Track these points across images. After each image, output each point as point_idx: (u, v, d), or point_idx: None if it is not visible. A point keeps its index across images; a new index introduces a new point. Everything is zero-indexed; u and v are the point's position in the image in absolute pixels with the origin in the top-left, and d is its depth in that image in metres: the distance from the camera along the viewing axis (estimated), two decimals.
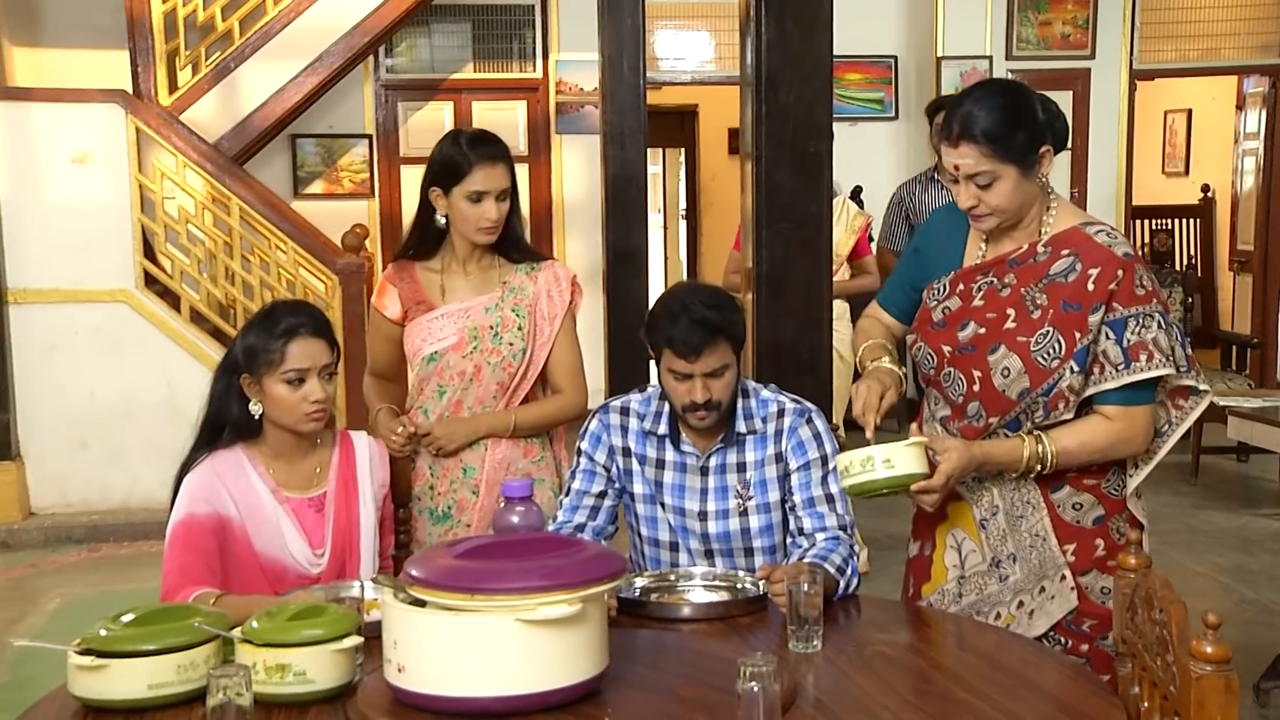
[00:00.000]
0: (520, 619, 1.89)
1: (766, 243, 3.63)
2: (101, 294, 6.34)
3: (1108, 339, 2.40)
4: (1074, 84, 8.80)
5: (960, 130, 2.43)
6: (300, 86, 7.12)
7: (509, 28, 8.31)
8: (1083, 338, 2.40)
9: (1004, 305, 2.49)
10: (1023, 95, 2.48)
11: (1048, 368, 2.42)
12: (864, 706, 2.00)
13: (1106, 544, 2.50)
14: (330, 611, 2.10)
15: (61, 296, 6.34)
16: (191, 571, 2.48)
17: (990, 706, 1.97)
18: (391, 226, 8.22)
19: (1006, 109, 2.42)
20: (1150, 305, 2.40)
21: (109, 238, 6.35)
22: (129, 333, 6.34)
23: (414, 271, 3.12)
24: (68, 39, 7.69)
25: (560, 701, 1.94)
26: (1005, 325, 2.47)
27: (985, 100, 2.44)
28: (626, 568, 2.09)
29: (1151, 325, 2.39)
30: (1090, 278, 2.41)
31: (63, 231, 6.31)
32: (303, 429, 2.64)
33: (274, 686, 1.99)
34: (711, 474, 2.73)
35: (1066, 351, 2.40)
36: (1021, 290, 2.48)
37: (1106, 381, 2.41)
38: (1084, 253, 2.44)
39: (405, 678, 1.94)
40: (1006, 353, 2.46)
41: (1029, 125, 2.42)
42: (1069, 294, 2.42)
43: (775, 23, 3.55)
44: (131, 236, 6.37)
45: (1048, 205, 2.51)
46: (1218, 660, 1.67)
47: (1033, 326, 2.44)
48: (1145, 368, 2.39)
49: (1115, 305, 2.40)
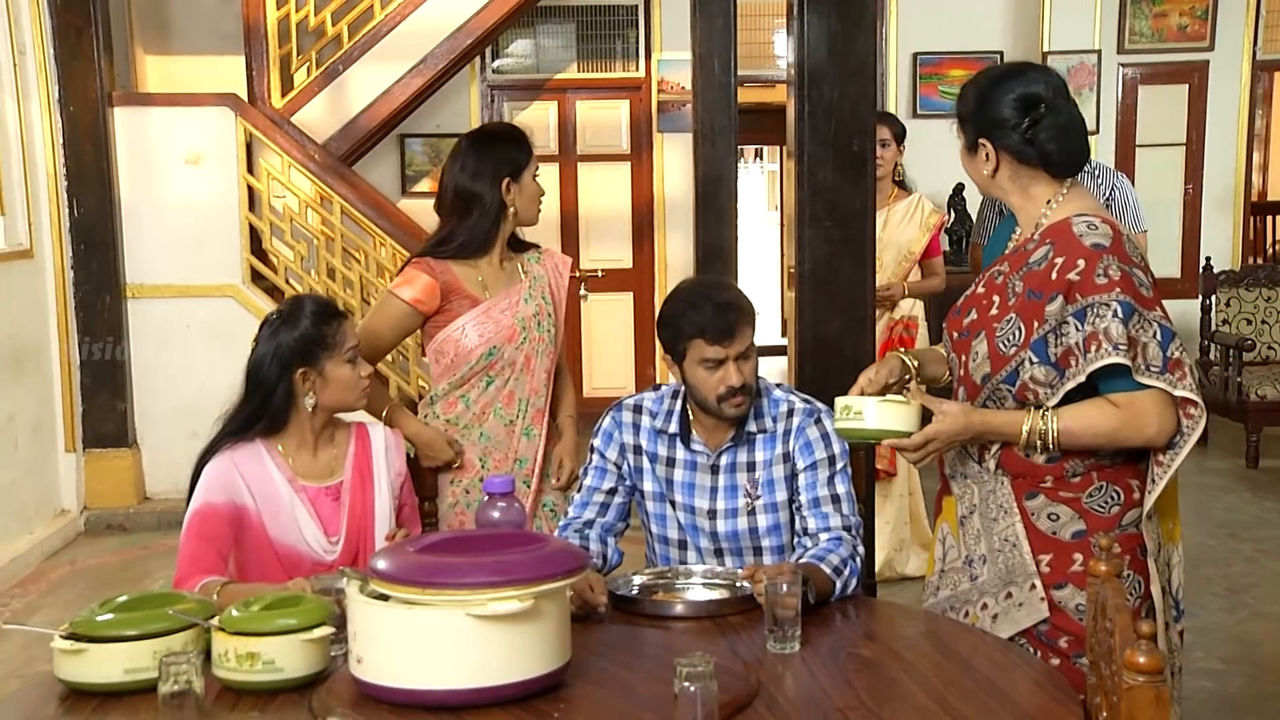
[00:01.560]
0: (471, 614, 1.91)
1: (810, 241, 3.57)
2: (211, 289, 6.54)
3: (1076, 330, 2.31)
4: (1189, 78, 8.51)
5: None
6: (406, 88, 7.24)
7: (613, 28, 8.34)
8: (1040, 326, 2.34)
9: (993, 292, 2.47)
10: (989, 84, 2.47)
11: (1006, 354, 2.38)
12: (818, 708, 1.99)
13: (1086, 560, 2.37)
14: (306, 602, 2.14)
15: (175, 291, 6.55)
16: (202, 560, 2.55)
17: (946, 712, 1.93)
18: None
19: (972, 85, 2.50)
20: (1110, 294, 2.28)
21: (219, 235, 6.54)
22: (237, 327, 6.49)
23: (448, 266, 3.14)
24: (195, 46, 7.93)
25: (514, 695, 1.95)
26: (990, 311, 2.45)
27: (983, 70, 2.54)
28: (585, 565, 2.08)
29: (1106, 314, 2.28)
30: (1055, 267, 2.35)
31: (176, 229, 6.52)
32: (359, 405, 2.82)
33: (244, 674, 2.04)
34: (721, 473, 2.72)
35: (1024, 339, 2.35)
36: (1009, 278, 2.44)
37: (1077, 375, 2.31)
38: (1059, 242, 2.38)
39: (363, 669, 1.97)
40: (982, 338, 2.44)
41: (973, 108, 2.47)
42: (1035, 282, 2.37)
43: (819, 20, 3.49)
44: (239, 234, 6.56)
45: (1049, 199, 2.45)
46: (1149, 671, 1.60)
47: (1004, 313, 2.41)
48: (1095, 357, 2.28)
49: (1076, 295, 2.32)
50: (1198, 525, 6.03)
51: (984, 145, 2.45)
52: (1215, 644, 4.46)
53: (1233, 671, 4.21)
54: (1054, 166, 2.44)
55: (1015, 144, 2.42)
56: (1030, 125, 2.41)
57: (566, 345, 3.41)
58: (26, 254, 6.16)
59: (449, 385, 3.17)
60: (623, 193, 8.51)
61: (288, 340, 2.70)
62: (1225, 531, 5.88)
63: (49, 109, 6.29)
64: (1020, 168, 2.45)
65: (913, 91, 8.37)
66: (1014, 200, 2.50)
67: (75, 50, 6.31)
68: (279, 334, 2.72)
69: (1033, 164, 2.44)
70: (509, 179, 3.11)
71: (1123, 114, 8.48)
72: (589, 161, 8.52)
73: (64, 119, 6.33)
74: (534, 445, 3.18)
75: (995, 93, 2.44)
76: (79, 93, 6.34)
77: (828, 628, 2.37)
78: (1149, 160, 8.52)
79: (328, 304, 2.81)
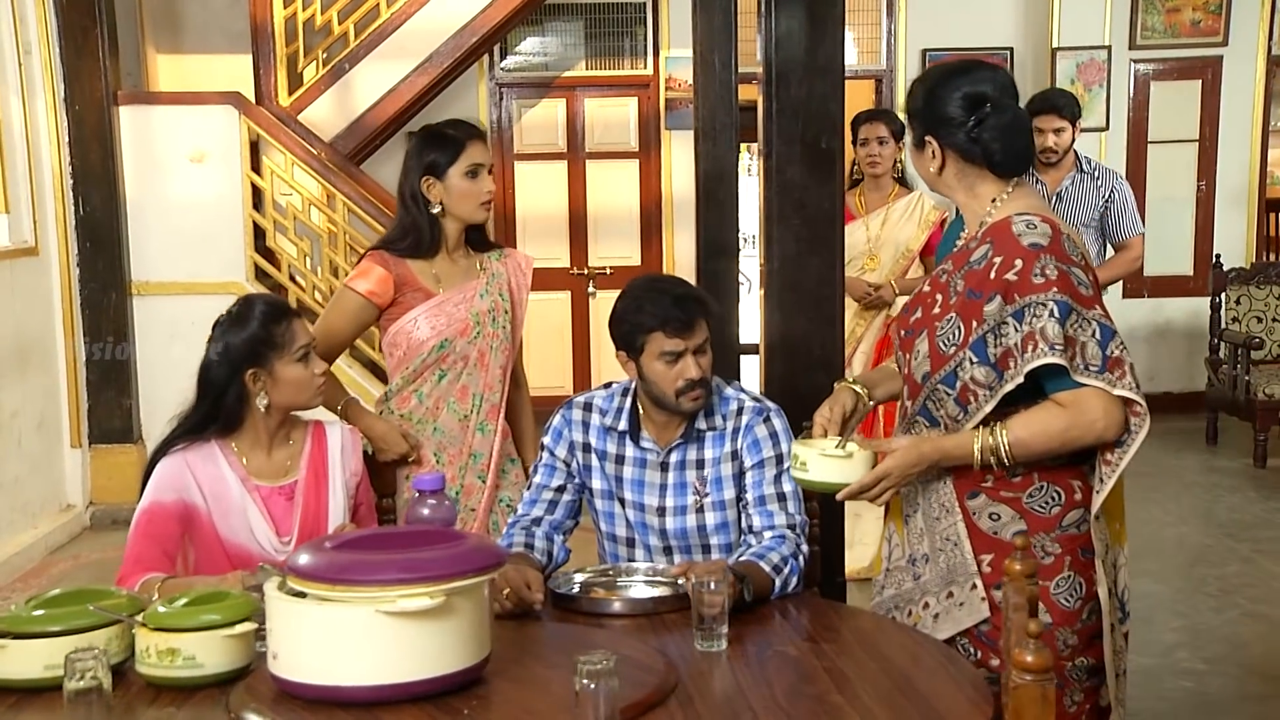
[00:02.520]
0: (380, 610, 1.91)
1: (778, 239, 3.54)
2: (215, 286, 6.55)
3: (1015, 331, 2.28)
4: (1203, 73, 8.40)
5: None
6: (411, 86, 7.24)
7: (621, 25, 8.33)
8: (978, 327, 2.31)
9: (936, 291, 2.45)
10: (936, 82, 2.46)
11: (946, 353, 2.35)
12: (731, 705, 1.98)
13: None
14: (231, 598, 2.14)
15: (180, 289, 6.59)
16: (147, 559, 2.56)
17: (856, 711, 1.92)
18: (504, 221, 8.32)
19: (920, 83, 2.50)
20: (1046, 294, 2.26)
21: (223, 233, 6.58)
22: None
23: (403, 260, 3.16)
24: (206, 45, 7.99)
25: (426, 693, 1.95)
26: (933, 310, 2.43)
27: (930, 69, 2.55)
28: (502, 563, 2.08)
29: (1042, 314, 2.25)
30: (994, 266, 2.33)
31: (181, 227, 6.57)
32: (315, 403, 2.80)
33: (164, 670, 2.04)
34: (671, 470, 2.71)
35: (963, 339, 2.33)
36: (951, 277, 2.42)
37: (1016, 377, 2.28)
38: (997, 241, 2.36)
39: (278, 664, 1.97)
40: (924, 336, 2.42)
41: (920, 106, 2.46)
42: (975, 282, 2.35)
43: (787, 18, 3.46)
44: (244, 231, 6.59)
45: (993, 198, 2.43)
46: (1036, 670, 1.59)
47: (945, 312, 2.39)
48: (1032, 357, 2.25)
49: (1014, 295, 2.29)
50: (1198, 525, 5.99)
51: (930, 142, 2.44)
52: (1201, 644, 4.42)
53: (1215, 672, 4.16)
54: (998, 165, 2.42)
55: (961, 142, 2.41)
56: (975, 124, 2.39)
57: (574, 341, 3.46)
58: (32, 251, 6.22)
59: (403, 379, 3.18)
60: (631, 190, 8.50)
61: (236, 341, 2.70)
62: (1224, 531, 5.83)
63: (55, 108, 6.34)
64: (966, 166, 2.44)
65: None
66: (959, 198, 2.49)
67: (81, 49, 6.36)
68: (228, 335, 2.72)
69: (977, 162, 2.42)
70: (430, 177, 3.12)
71: (1134, 110, 8.39)
72: (597, 159, 8.50)
73: (70, 117, 6.38)
74: (489, 441, 3.19)
75: (942, 90, 2.43)
76: (84, 91, 6.39)
77: (763, 626, 2.36)
78: (1161, 157, 8.42)
79: (278, 303, 2.81)
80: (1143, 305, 8.50)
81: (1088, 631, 2.37)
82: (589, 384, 8.20)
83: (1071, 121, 5.15)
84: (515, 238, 8.32)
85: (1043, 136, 5.12)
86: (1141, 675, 4.15)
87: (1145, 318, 8.52)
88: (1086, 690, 2.39)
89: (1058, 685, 2.33)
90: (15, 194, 6.16)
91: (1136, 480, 6.68)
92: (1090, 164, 5.27)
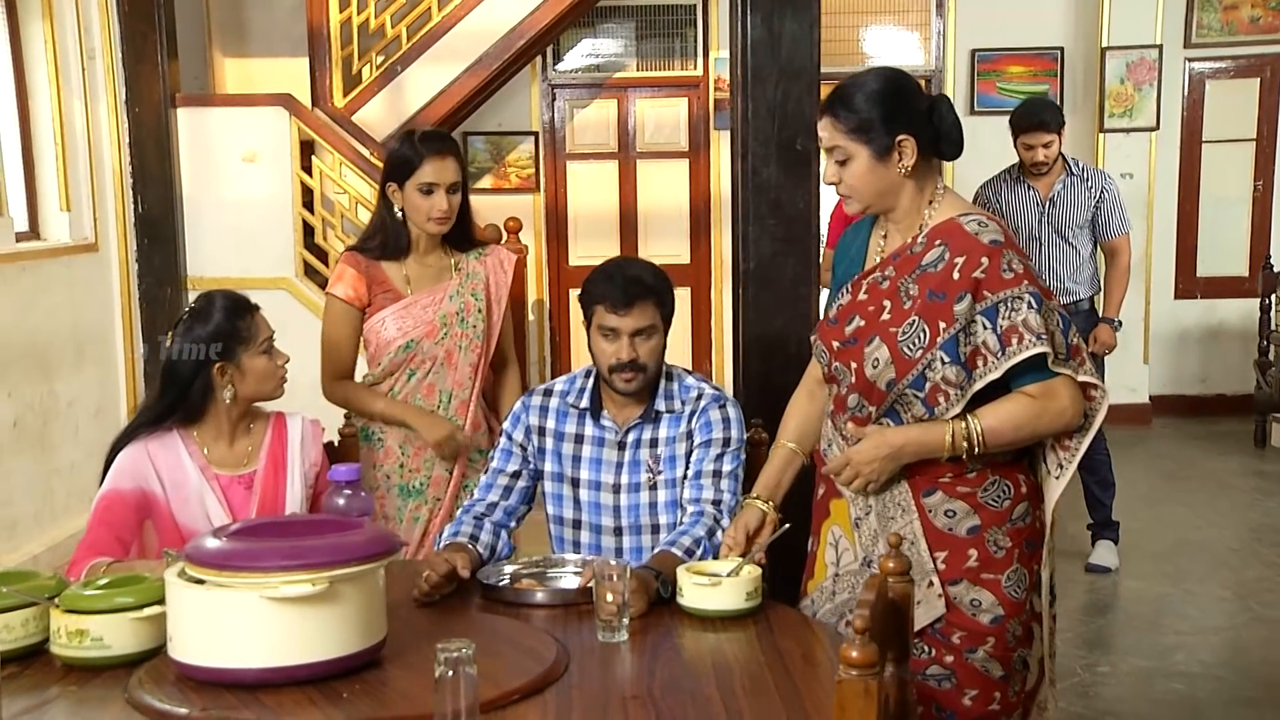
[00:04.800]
0: (265, 596, 1.95)
1: (754, 239, 3.55)
2: (266, 281, 6.68)
3: (985, 329, 2.29)
4: (1261, 72, 8.17)
5: (826, 102, 2.44)
6: (461, 87, 7.32)
7: (671, 27, 8.34)
8: (948, 328, 2.30)
9: (882, 298, 2.42)
10: (896, 82, 2.42)
11: (912, 357, 2.33)
12: (606, 695, 2.00)
13: (980, 555, 2.37)
14: (146, 583, 2.20)
15: (232, 284, 6.59)
16: (100, 545, 2.64)
17: (724, 705, 1.93)
18: (555, 220, 8.38)
19: (871, 90, 2.39)
20: (1019, 288, 2.29)
21: (273, 230, 6.70)
22: (289, 317, 6.57)
23: (375, 261, 3.21)
24: (269, 49, 8.14)
25: (310, 676, 1.99)
26: (881, 317, 2.40)
27: (861, 78, 2.43)
28: (391, 551, 2.11)
29: (1021, 307, 2.28)
30: (956, 266, 2.32)
31: (234, 224, 6.70)
32: (278, 394, 2.86)
33: (74, 650, 2.11)
34: (627, 449, 2.77)
35: (930, 341, 2.31)
36: (898, 283, 2.40)
37: (990, 372, 2.30)
38: (953, 242, 2.35)
39: (173, 647, 2.03)
40: (879, 344, 2.38)
41: (887, 109, 2.37)
42: (935, 283, 2.34)
43: (762, 20, 3.46)
44: (293, 229, 6.72)
45: (930, 199, 2.43)
46: (861, 665, 1.58)
47: (902, 317, 2.36)
48: (1018, 350, 2.27)
49: (984, 293, 2.30)
50: (1229, 528, 5.84)
51: (903, 143, 2.38)
52: (1201, 648, 4.32)
53: (1209, 676, 4.07)
54: (953, 146, 2.43)
55: (928, 136, 2.41)
56: (930, 111, 2.41)
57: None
58: (92, 247, 6.40)
59: (374, 377, 3.24)
60: (680, 189, 8.50)
61: (203, 335, 2.78)
62: (1254, 535, 5.68)
63: (115, 110, 6.51)
64: (923, 161, 2.41)
65: (970, 88, 8.20)
66: (904, 203, 2.44)
67: (141, 54, 6.52)
68: (194, 329, 2.79)
69: (932, 154, 2.44)
70: (393, 184, 3.17)
71: (1188, 110, 8.19)
72: (648, 159, 8.53)
73: (130, 119, 6.55)
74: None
75: (901, 90, 2.41)
76: (144, 95, 6.55)
77: (675, 619, 2.35)
78: (1215, 156, 8.22)
79: (239, 299, 2.88)
80: (1195, 306, 8.30)
81: (1028, 622, 2.40)
82: None
83: (1058, 132, 5.09)
84: (567, 236, 8.38)
85: (1032, 152, 5.09)
86: (1134, 677, 4.08)
87: (1198, 319, 8.32)
88: (1023, 680, 2.42)
89: (1003, 678, 2.36)
90: (77, 193, 6.35)
91: (1174, 483, 6.65)
92: (1078, 166, 5.20)
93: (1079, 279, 5.15)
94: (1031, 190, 5.15)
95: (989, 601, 2.36)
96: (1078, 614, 4.73)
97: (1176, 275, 8.32)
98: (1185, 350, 8.36)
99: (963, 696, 2.37)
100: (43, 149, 6.26)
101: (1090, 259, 5.17)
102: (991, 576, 2.36)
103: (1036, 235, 5.13)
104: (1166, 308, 8.23)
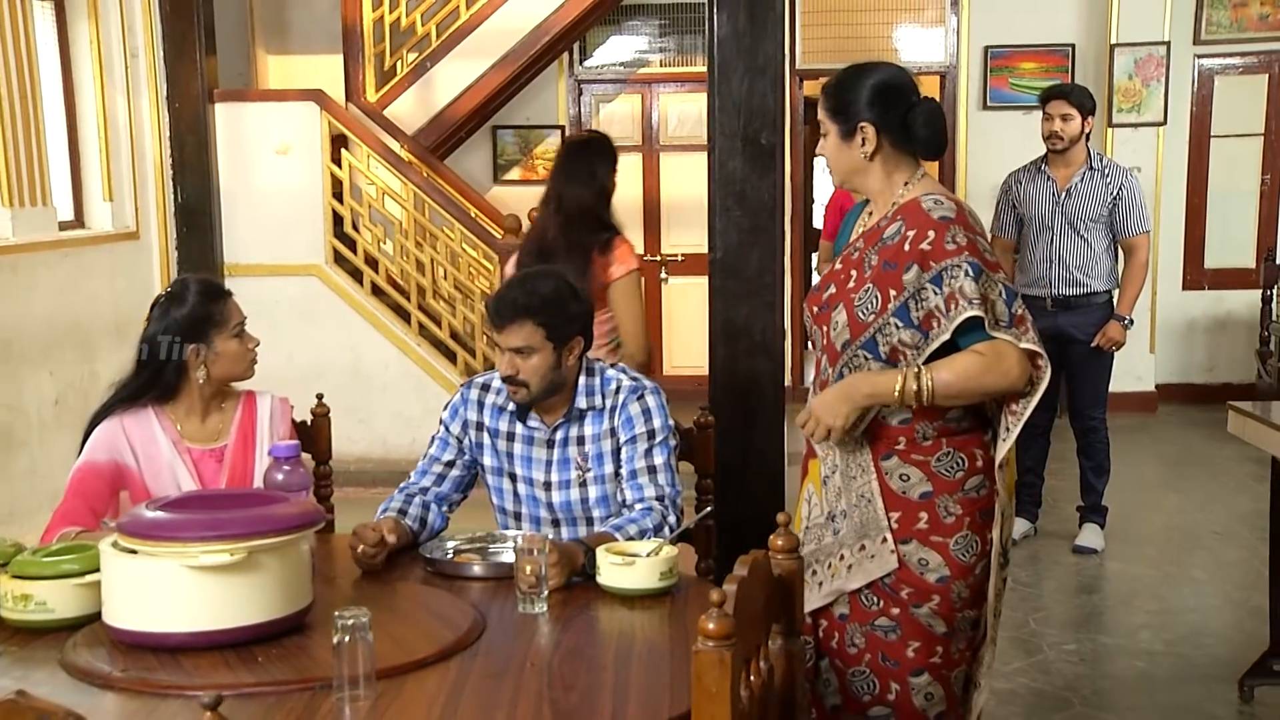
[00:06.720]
0: (185, 565, 1.99)
1: (721, 230, 3.55)
2: (298, 268, 6.79)
3: (935, 295, 2.38)
4: (1269, 69, 8.02)
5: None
6: (489, 82, 7.39)
7: (695, 24, 8.29)
8: (898, 295, 2.40)
9: (850, 267, 2.53)
10: (879, 77, 2.51)
11: (865, 321, 2.44)
12: (509, 661, 2.02)
13: (930, 518, 2.44)
14: (90, 551, 2.24)
15: (266, 270, 6.82)
16: (73, 515, 2.70)
17: (615, 676, 1.95)
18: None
19: (853, 79, 2.52)
20: (960, 258, 2.37)
21: (305, 219, 6.78)
22: (320, 303, 6.77)
23: None
24: (309, 46, 8.22)
25: (232, 640, 2.04)
26: (847, 285, 2.51)
27: (858, 67, 2.56)
28: (312, 524, 2.14)
29: (959, 274, 2.36)
30: (908, 239, 2.42)
31: (268, 214, 6.79)
32: (249, 374, 2.93)
33: (19, 614, 2.17)
34: (556, 447, 2.75)
35: (881, 307, 2.42)
36: (865, 254, 2.50)
37: (942, 334, 2.38)
38: (909, 218, 2.45)
39: (107, 612, 2.08)
40: (841, 309, 2.49)
41: (856, 97, 2.49)
42: (890, 255, 2.44)
43: (729, 19, 3.45)
44: (324, 219, 6.79)
45: (906, 182, 2.52)
46: (717, 637, 1.58)
47: (860, 284, 2.47)
48: (955, 314, 2.35)
49: (930, 263, 2.39)
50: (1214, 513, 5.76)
51: (864, 129, 2.48)
52: (1168, 626, 4.28)
53: (1171, 654, 4.04)
54: (923, 149, 2.52)
55: (896, 127, 2.48)
56: (908, 110, 2.49)
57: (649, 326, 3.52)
58: (133, 235, 6.52)
59: None
60: (702, 182, 8.36)
61: (179, 317, 2.82)
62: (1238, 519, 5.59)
63: (157, 105, 6.62)
64: (892, 151, 2.51)
65: (983, 84, 8.10)
66: (874, 185, 2.54)
67: (181, 52, 6.62)
68: (170, 312, 2.84)
69: (903, 147, 2.51)
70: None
71: (1197, 105, 8.05)
72: (670, 151, 8.52)
73: (170, 114, 6.65)
74: None
75: (876, 83, 2.50)
76: (183, 90, 6.65)
77: (597, 596, 2.36)
78: (1224, 151, 8.08)
79: (213, 283, 2.93)
80: (1203, 297, 8.18)
81: (977, 585, 2.46)
82: (661, 363, 8.24)
83: (1080, 111, 5.00)
84: None
85: (1050, 122, 5.03)
86: (1097, 653, 4.05)
87: (1206, 309, 8.20)
88: (968, 639, 2.50)
89: (947, 634, 2.45)
90: (119, 184, 6.47)
91: (1171, 468, 6.55)
92: (1102, 160, 5.10)
93: (1091, 272, 5.05)
94: (1050, 181, 5.07)
95: (936, 562, 2.43)
96: (1058, 594, 4.69)
97: (1184, 266, 8.19)
98: (1192, 340, 8.23)
99: (906, 648, 2.45)
100: (87, 142, 6.38)
101: (1106, 253, 5.05)
102: (940, 539, 2.43)
103: (1049, 225, 5.05)
104: (1174, 298, 8.11)
